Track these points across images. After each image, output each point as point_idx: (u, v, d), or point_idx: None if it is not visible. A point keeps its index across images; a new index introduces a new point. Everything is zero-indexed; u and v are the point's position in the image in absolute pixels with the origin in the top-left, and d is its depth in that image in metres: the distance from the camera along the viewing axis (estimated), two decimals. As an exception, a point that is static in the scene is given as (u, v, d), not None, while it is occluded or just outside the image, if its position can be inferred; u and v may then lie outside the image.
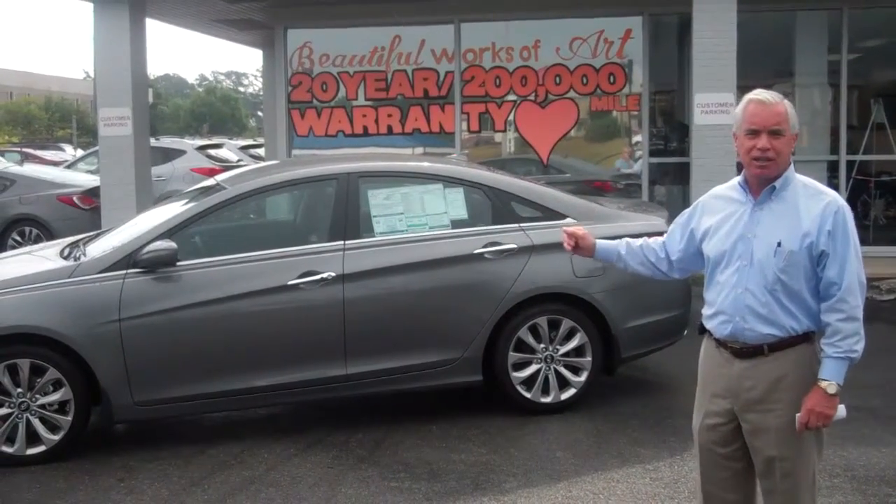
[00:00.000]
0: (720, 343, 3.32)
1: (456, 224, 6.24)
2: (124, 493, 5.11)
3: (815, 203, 3.14)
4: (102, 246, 6.08)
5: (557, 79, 13.08)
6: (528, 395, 6.17)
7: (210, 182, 6.71)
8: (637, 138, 13.33)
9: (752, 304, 3.18)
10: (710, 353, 3.40)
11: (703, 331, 3.44)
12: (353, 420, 6.26)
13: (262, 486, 5.15)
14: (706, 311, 3.38)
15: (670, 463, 5.33)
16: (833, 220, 3.11)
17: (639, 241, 3.68)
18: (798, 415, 3.12)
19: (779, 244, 3.14)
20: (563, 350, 6.19)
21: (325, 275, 5.83)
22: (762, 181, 3.21)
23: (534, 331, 6.16)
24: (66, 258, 6.09)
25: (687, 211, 3.56)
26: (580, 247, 3.68)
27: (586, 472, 5.24)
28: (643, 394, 6.72)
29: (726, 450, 3.34)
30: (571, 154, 13.71)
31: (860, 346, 3.14)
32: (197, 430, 6.26)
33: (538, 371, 6.17)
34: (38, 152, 33.16)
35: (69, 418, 5.55)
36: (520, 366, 6.16)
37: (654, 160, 13.10)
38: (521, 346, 6.15)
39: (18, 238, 13.33)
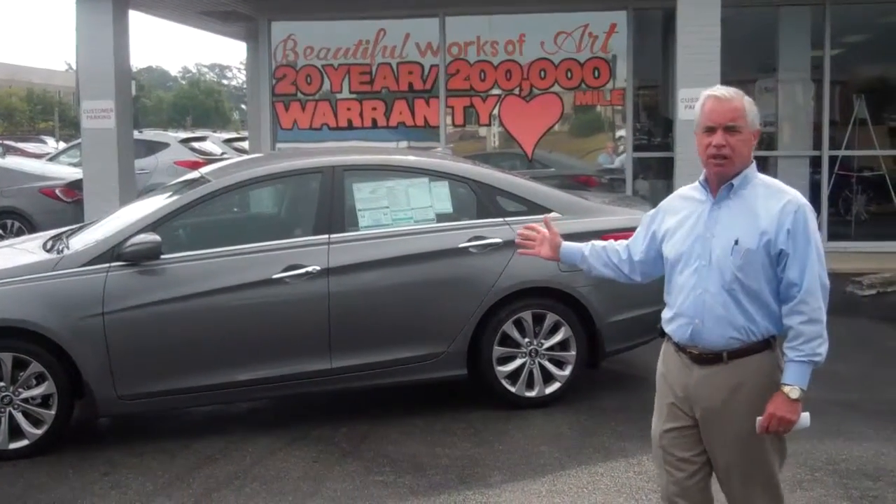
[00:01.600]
0: (679, 348, 3.26)
1: (441, 218, 6.24)
2: (108, 488, 5.09)
3: (774, 202, 3.08)
4: (85, 239, 6.06)
5: (542, 73, 13.08)
6: (512, 389, 6.19)
7: (194, 175, 6.68)
8: (621, 133, 13.36)
9: (710, 304, 3.12)
10: (669, 358, 3.33)
11: (663, 334, 3.38)
12: (338, 414, 6.26)
13: (247, 481, 5.15)
14: (666, 314, 3.32)
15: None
16: (793, 219, 3.04)
17: (602, 243, 3.61)
18: (759, 418, 3.05)
19: (736, 242, 3.08)
20: (547, 344, 6.21)
21: (310, 268, 5.83)
22: (720, 179, 3.15)
23: (518, 325, 6.18)
24: (48, 251, 6.06)
25: (651, 212, 3.49)
26: (546, 246, 3.62)
27: (571, 466, 5.25)
28: (627, 388, 6.75)
29: (686, 454, 3.28)
30: (556, 148, 13.73)
31: (824, 349, 3.04)
32: (181, 424, 6.25)
33: (523, 365, 6.19)
34: (20, 145, 32.90)
35: (52, 412, 5.53)
36: (504, 360, 6.18)
37: (638, 155, 13.13)
38: (506, 341, 6.17)
39: (0, 231, 13.25)
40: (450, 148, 12.40)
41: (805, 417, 3.07)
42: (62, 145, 29.70)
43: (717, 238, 3.13)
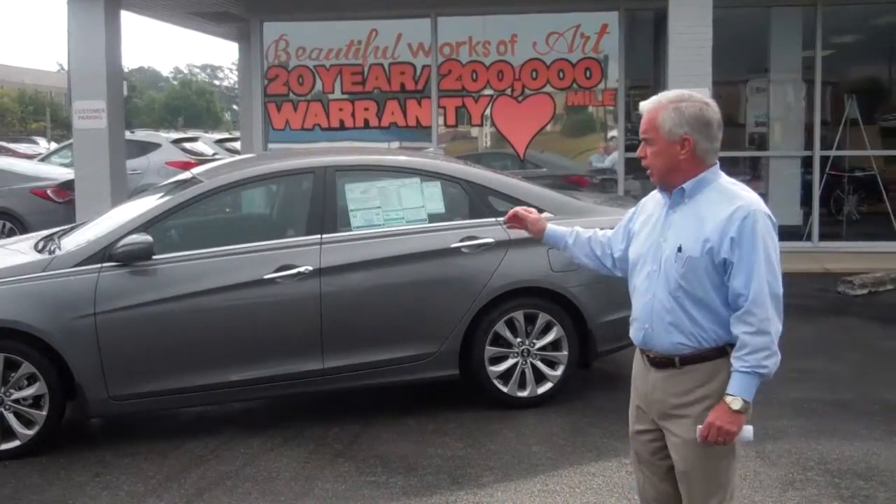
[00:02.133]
0: (641, 350, 3.25)
1: (433, 218, 6.24)
2: (100, 489, 5.08)
3: (723, 209, 2.95)
4: (77, 240, 6.05)
5: (534, 73, 13.10)
6: (504, 389, 6.19)
7: (186, 175, 6.67)
8: (613, 133, 13.39)
9: (658, 310, 3.08)
10: (637, 360, 3.33)
11: None
12: (330, 414, 6.25)
13: (239, 481, 5.14)
14: (631, 316, 3.31)
15: (646, 456, 5.35)
16: (739, 226, 2.90)
17: (588, 233, 3.55)
18: (699, 427, 2.99)
19: (679, 249, 3.01)
20: (539, 344, 6.21)
21: (302, 269, 5.82)
22: (663, 186, 3.12)
23: (510, 325, 6.18)
24: (40, 252, 6.05)
25: (631, 209, 3.45)
26: (529, 231, 3.61)
27: (563, 466, 5.26)
28: (619, 388, 6.70)
29: (652, 457, 3.28)
30: (548, 149, 13.75)
31: (771, 362, 2.92)
32: (173, 424, 6.24)
33: (515, 365, 6.19)
34: (12, 145, 32.79)
35: (44, 413, 5.51)
36: (496, 360, 6.18)
37: (630, 155, 13.14)
38: (498, 341, 6.17)
39: (-9, 232, 13.21)
40: (442, 148, 12.43)
41: (748, 430, 2.97)
42: (54, 146, 29.60)
43: (667, 243, 3.07)
